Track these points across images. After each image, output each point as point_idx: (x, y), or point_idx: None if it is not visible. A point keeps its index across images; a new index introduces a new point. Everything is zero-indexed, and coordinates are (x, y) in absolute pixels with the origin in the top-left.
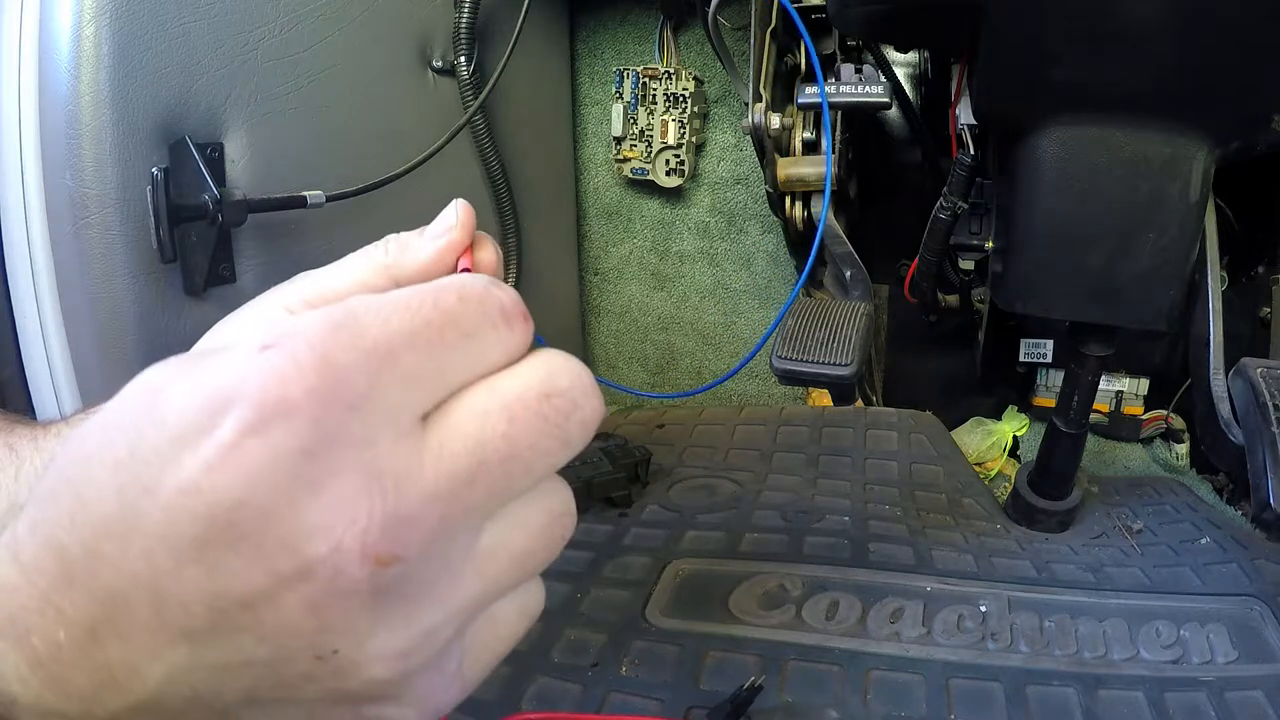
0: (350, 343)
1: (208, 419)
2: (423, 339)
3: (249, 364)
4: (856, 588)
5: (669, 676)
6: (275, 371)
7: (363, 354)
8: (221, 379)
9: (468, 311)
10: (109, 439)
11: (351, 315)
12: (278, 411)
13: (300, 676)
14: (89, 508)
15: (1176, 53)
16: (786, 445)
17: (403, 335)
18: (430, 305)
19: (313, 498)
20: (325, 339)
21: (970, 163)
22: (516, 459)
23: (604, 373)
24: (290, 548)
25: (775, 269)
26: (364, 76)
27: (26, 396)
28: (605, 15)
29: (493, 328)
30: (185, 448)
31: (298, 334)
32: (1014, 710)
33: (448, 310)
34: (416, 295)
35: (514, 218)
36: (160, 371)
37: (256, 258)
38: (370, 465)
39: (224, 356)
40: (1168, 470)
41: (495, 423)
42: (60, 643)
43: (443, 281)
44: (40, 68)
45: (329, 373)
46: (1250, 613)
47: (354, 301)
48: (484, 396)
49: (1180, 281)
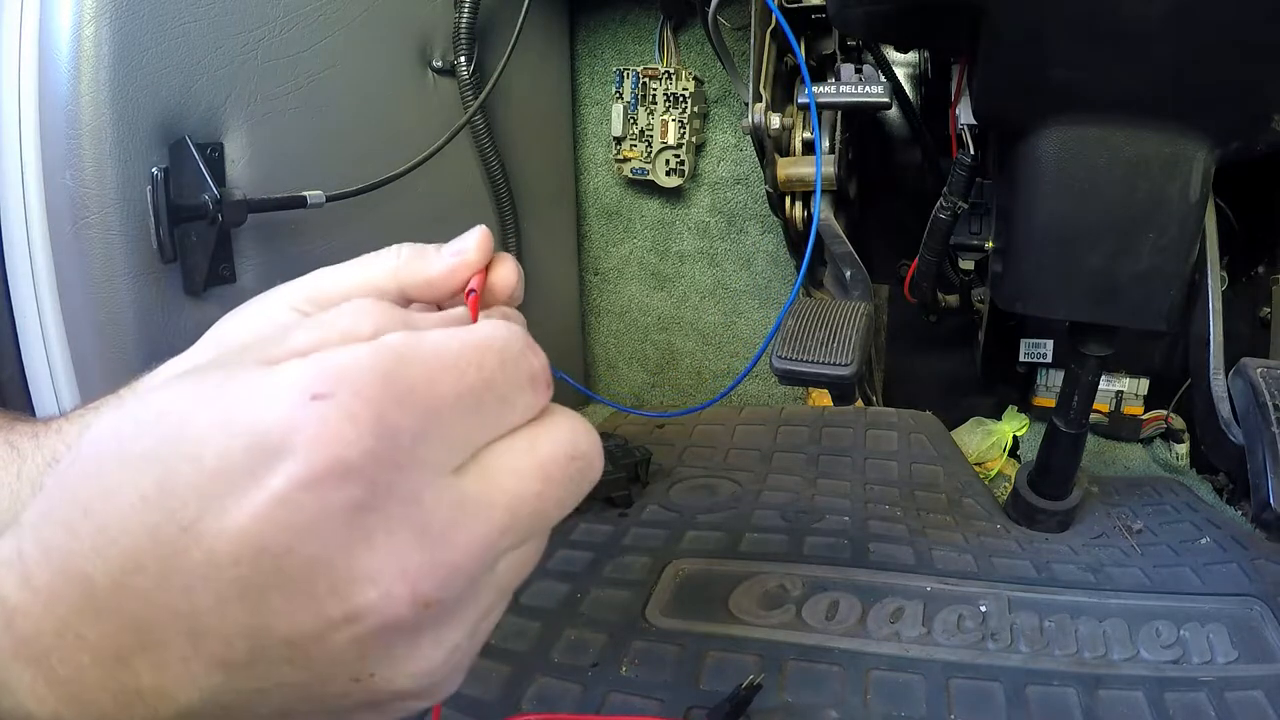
0: (402, 399)
1: (255, 464)
2: (465, 402)
3: (300, 413)
4: (856, 588)
5: (669, 676)
6: (332, 429)
7: (413, 415)
8: (266, 421)
9: (505, 377)
10: (133, 471)
11: (401, 364)
12: (334, 471)
13: (335, 695)
14: (116, 542)
15: (1176, 53)
16: (786, 445)
17: (448, 398)
18: (475, 369)
19: (363, 548)
20: (379, 394)
21: (970, 163)
22: (544, 513)
23: (604, 373)
24: (339, 593)
25: (775, 269)
26: (364, 76)
27: (26, 396)
28: (605, 15)
29: (522, 392)
30: (229, 491)
31: (348, 382)
32: (1014, 710)
33: (489, 375)
34: (462, 355)
35: (514, 218)
36: (177, 394)
37: (256, 258)
38: (417, 518)
39: (261, 391)
40: (1168, 470)
41: (531, 482)
42: (83, 665)
43: (485, 338)
44: (40, 68)
45: (384, 433)
46: (1250, 613)
47: (400, 345)
48: (521, 457)
49: (1180, 281)
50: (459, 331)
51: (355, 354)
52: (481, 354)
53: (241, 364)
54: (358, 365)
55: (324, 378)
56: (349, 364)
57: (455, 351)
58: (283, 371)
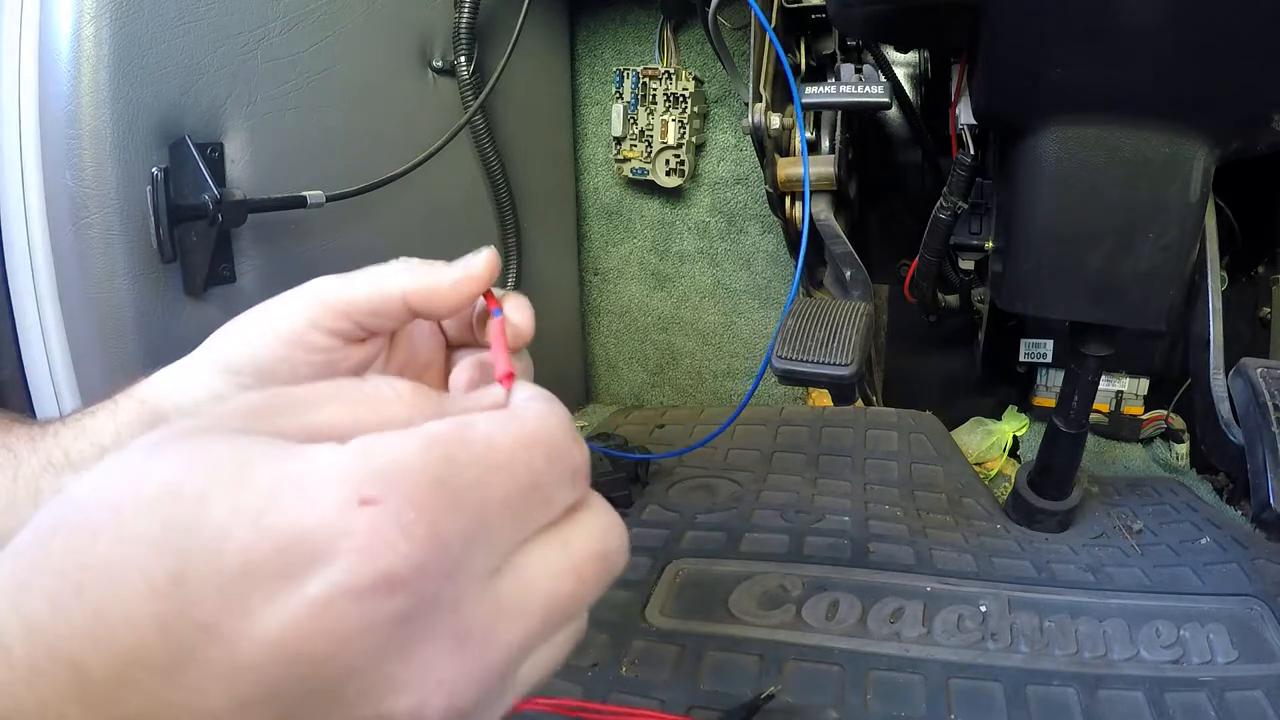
0: (454, 506)
1: (291, 567)
2: (512, 505)
3: (349, 520)
4: (856, 588)
5: (669, 676)
6: (385, 540)
7: (463, 522)
8: (307, 523)
9: (550, 476)
10: (139, 556)
11: (452, 466)
12: (383, 584)
13: None
14: (117, 633)
15: (1176, 53)
16: (786, 445)
17: (496, 502)
18: (524, 469)
19: (400, 655)
20: (432, 501)
21: (970, 163)
22: (575, 610)
23: (604, 373)
24: (372, 700)
25: (775, 269)
26: (364, 76)
27: (26, 396)
28: (605, 15)
29: (563, 489)
30: (258, 592)
31: (401, 487)
32: (1014, 710)
33: (536, 476)
34: (514, 455)
35: (514, 218)
36: (188, 468)
37: (256, 258)
38: (457, 626)
39: (297, 482)
40: (1168, 470)
41: (566, 583)
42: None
43: (534, 434)
44: (40, 68)
45: (436, 545)
46: (1250, 613)
47: (450, 441)
48: (556, 557)
49: (1180, 281)
50: (509, 424)
51: (404, 449)
52: (531, 451)
53: (263, 435)
54: (408, 465)
55: (373, 478)
56: (399, 462)
57: (508, 451)
58: (321, 460)
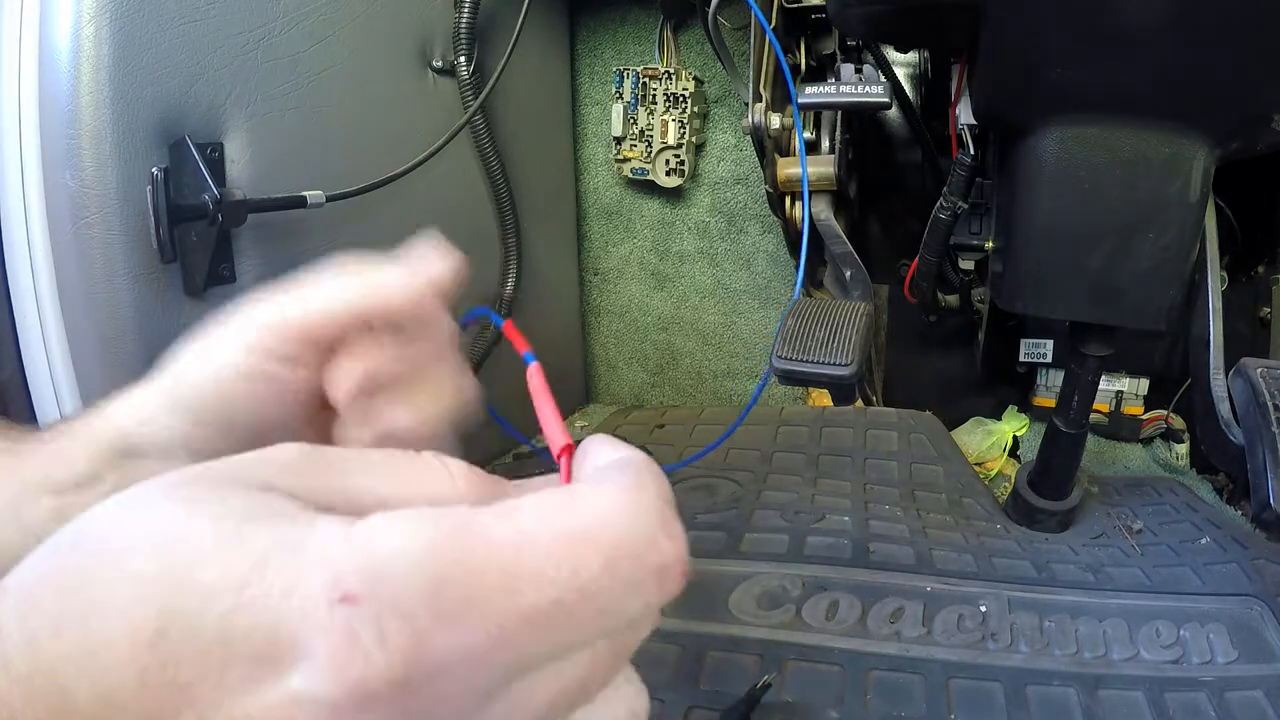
0: (453, 617)
1: (270, 651)
2: (546, 622)
3: (323, 617)
4: (856, 588)
5: (669, 676)
6: (356, 647)
7: (464, 638)
8: (286, 611)
9: (613, 586)
10: (129, 603)
11: (460, 566)
12: (353, 697)
13: None
14: (102, 671)
15: (1176, 53)
16: (786, 445)
17: (523, 616)
18: (569, 575)
19: None
20: (421, 608)
21: (970, 163)
22: None
23: (604, 373)
24: None
25: (775, 269)
26: (364, 76)
27: (26, 397)
28: (605, 15)
29: (635, 595)
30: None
31: (386, 586)
32: (1014, 710)
33: (585, 584)
34: (552, 554)
35: (514, 218)
36: (194, 518)
37: (256, 258)
38: None
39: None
40: (1168, 470)
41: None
42: None
43: (589, 528)
44: (40, 68)
45: (419, 664)
46: (1250, 613)
47: (468, 532)
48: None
49: (1180, 281)
50: (558, 513)
51: (408, 539)
52: (581, 550)
53: (280, 492)
54: (403, 560)
55: (360, 571)
56: (397, 554)
57: (543, 548)
58: (319, 534)
